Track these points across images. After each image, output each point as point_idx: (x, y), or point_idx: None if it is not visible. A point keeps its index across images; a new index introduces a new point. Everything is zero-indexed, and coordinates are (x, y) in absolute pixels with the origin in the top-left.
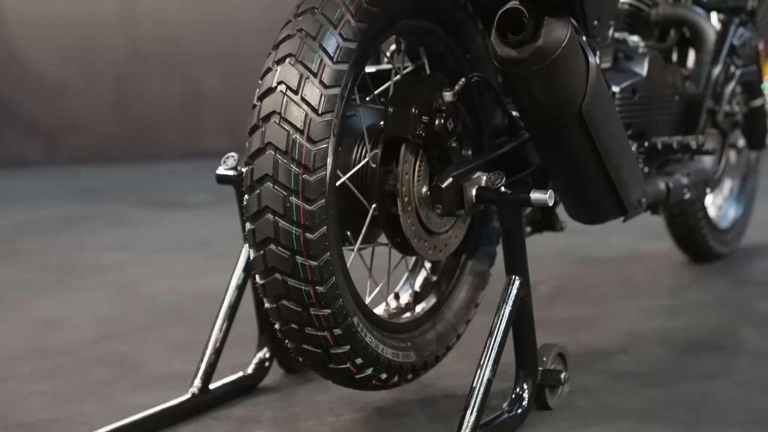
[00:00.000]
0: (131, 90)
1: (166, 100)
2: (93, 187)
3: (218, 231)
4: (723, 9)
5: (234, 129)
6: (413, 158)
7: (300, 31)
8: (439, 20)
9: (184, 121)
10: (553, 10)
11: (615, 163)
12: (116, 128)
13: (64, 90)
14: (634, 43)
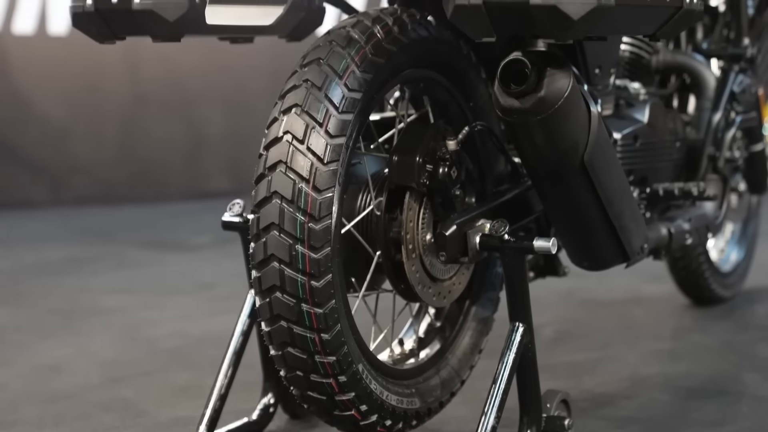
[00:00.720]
0: (135, 133)
1: (170, 142)
2: (97, 228)
3: (221, 273)
4: (723, 56)
5: (237, 171)
6: (417, 206)
7: (306, 82)
8: (443, 69)
9: (187, 163)
10: (555, 61)
11: (617, 210)
12: (120, 170)
13: (68, 133)
14: (635, 90)
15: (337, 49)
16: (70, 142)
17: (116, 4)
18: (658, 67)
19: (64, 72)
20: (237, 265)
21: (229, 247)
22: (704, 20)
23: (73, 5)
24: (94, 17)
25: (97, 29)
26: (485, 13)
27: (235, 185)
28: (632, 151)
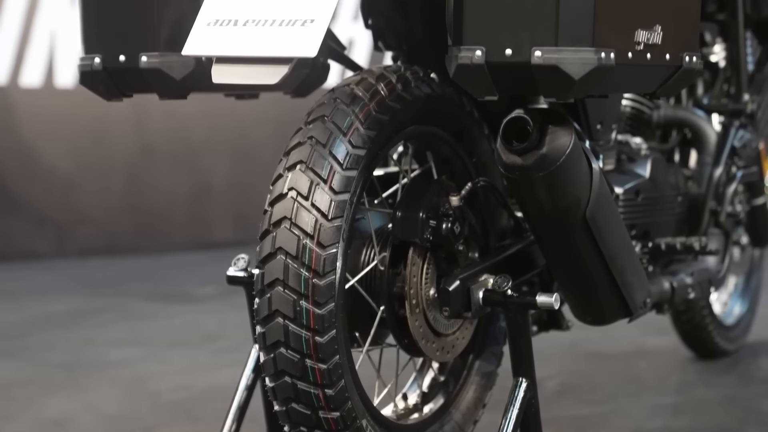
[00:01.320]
0: (140, 183)
1: (175, 192)
2: (101, 280)
3: (226, 325)
4: (723, 111)
5: (242, 220)
6: (421, 261)
7: (310, 139)
8: (446, 126)
9: (192, 213)
10: (556, 118)
11: (619, 265)
12: (125, 221)
13: (74, 183)
14: (636, 145)
15: (341, 107)
16: (76, 192)
17: (124, 62)
18: (659, 122)
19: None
20: (241, 316)
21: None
22: (704, 76)
23: (81, 64)
24: (101, 75)
25: (105, 87)
26: (487, 72)
27: (240, 235)
28: (634, 206)
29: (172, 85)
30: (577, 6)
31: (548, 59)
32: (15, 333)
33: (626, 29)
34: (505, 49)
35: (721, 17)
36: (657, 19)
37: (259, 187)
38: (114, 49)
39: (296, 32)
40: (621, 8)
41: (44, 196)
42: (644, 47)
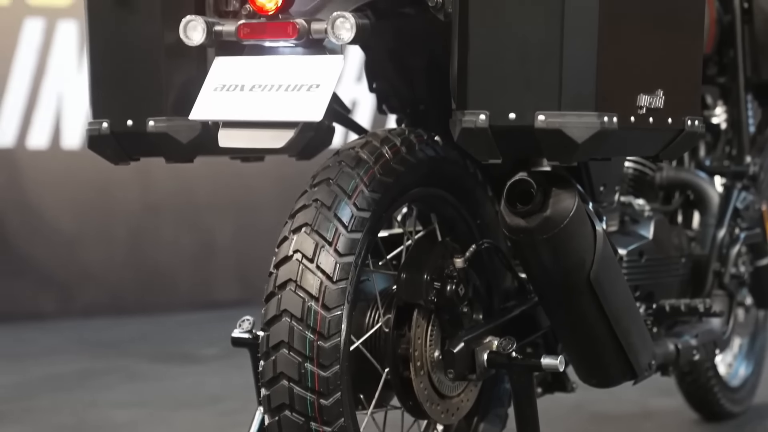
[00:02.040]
0: (145, 241)
1: (179, 250)
2: (106, 340)
3: (230, 386)
4: (725, 173)
5: (246, 280)
6: (425, 323)
7: (316, 201)
8: (450, 188)
9: (196, 272)
10: (560, 181)
11: (623, 327)
12: (129, 280)
13: (78, 242)
14: (639, 207)
15: (346, 170)
16: (80, 252)
17: (131, 126)
18: (662, 184)
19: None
20: (245, 377)
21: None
22: (706, 138)
23: (89, 128)
24: (109, 140)
25: (113, 151)
26: (491, 136)
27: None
28: (638, 268)
29: (179, 148)
30: (579, 71)
31: (551, 123)
32: (19, 395)
33: (628, 94)
34: (509, 113)
35: (722, 80)
36: (659, 83)
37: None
38: (122, 114)
39: (302, 97)
40: (623, 73)
41: (49, 256)
42: (646, 111)
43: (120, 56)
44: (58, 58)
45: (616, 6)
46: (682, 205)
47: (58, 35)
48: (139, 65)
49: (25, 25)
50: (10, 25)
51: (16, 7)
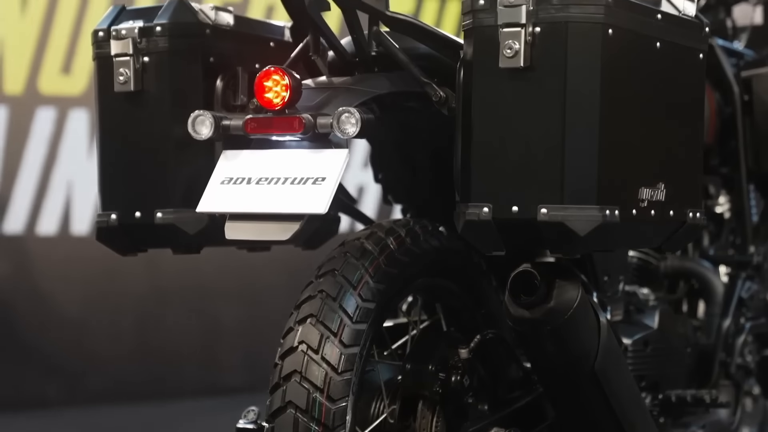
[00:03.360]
0: (152, 326)
1: (186, 335)
2: (112, 429)
3: None
4: (730, 263)
5: (252, 365)
6: (430, 414)
7: (321, 293)
8: (455, 278)
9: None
10: (563, 272)
11: (629, 419)
12: (136, 366)
13: (85, 329)
14: (644, 296)
15: (351, 261)
16: (87, 338)
17: (139, 218)
18: (666, 273)
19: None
20: None
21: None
22: (710, 227)
23: (98, 220)
24: (117, 231)
25: (121, 243)
26: (494, 228)
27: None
28: (643, 357)
29: (186, 239)
30: (581, 164)
31: (554, 216)
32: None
33: (630, 187)
34: (512, 206)
35: (725, 170)
36: (660, 177)
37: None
38: (130, 206)
39: (307, 190)
40: (624, 167)
41: (56, 343)
42: (648, 204)
43: (129, 149)
44: (68, 146)
45: (616, 101)
46: (686, 294)
47: (70, 123)
48: (147, 158)
49: (37, 114)
50: (24, 114)
51: (30, 97)
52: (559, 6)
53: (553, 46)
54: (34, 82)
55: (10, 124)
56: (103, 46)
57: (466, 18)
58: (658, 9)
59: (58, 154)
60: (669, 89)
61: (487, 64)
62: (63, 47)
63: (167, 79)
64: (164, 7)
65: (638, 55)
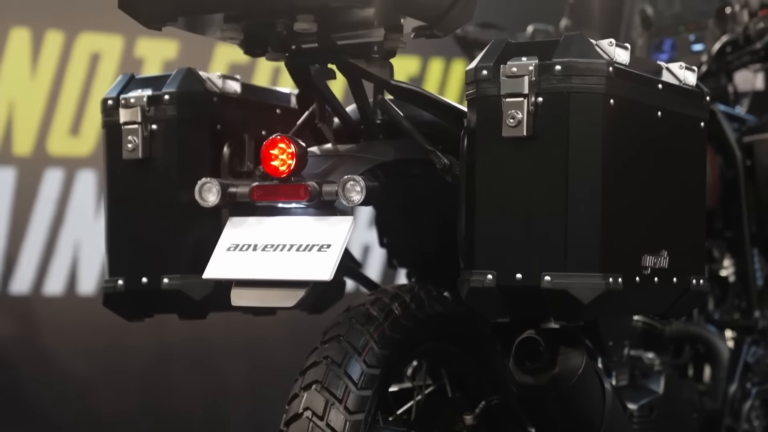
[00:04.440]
0: (157, 385)
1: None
2: None
3: None
4: (735, 327)
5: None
6: None
7: (326, 359)
8: (459, 343)
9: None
10: (568, 338)
11: None
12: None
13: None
14: (649, 360)
15: (356, 326)
16: (92, 398)
17: (146, 284)
18: (671, 337)
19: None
20: None
21: None
22: (715, 291)
23: (105, 286)
24: (124, 297)
25: (127, 308)
26: (499, 295)
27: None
28: (649, 423)
29: (192, 305)
30: (584, 232)
31: (557, 284)
32: None
33: (633, 254)
34: (516, 274)
35: (729, 234)
36: (663, 244)
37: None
38: (137, 272)
39: (312, 257)
40: (627, 234)
41: (60, 403)
42: (651, 271)
43: (137, 215)
44: (76, 206)
45: (619, 170)
46: (692, 358)
47: (77, 184)
48: (155, 224)
49: (45, 175)
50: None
51: (38, 158)
52: (561, 77)
53: (555, 115)
54: (42, 143)
55: (18, 185)
56: (112, 114)
57: (470, 87)
58: (659, 79)
59: (66, 214)
60: (671, 157)
61: (490, 133)
62: (72, 109)
63: (175, 146)
64: (173, 76)
65: (640, 124)
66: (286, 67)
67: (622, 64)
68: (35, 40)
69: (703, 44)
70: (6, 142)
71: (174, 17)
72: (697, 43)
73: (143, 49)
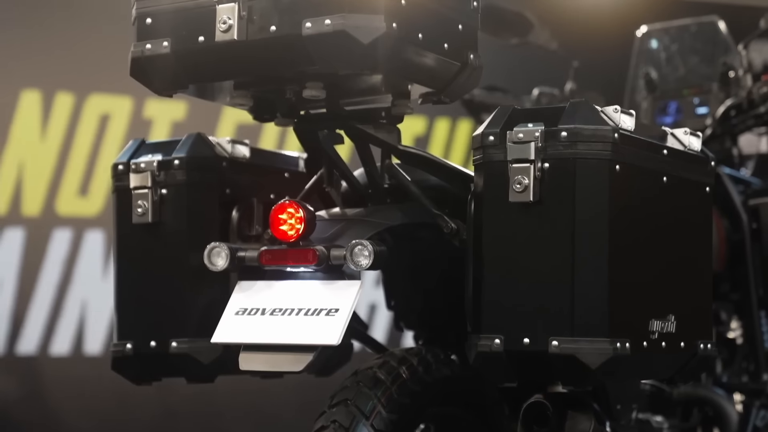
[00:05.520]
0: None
1: None
2: None
3: None
4: (743, 390)
5: None
6: None
7: (334, 423)
8: (467, 407)
9: None
10: (576, 403)
11: None
12: None
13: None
14: (657, 424)
15: (364, 390)
16: None
17: (154, 347)
18: (679, 400)
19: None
20: None
21: None
22: (723, 353)
23: (113, 350)
24: (133, 361)
25: (136, 372)
26: (506, 360)
27: None
28: None
29: (200, 369)
30: (591, 297)
31: (565, 349)
32: None
33: (640, 319)
34: (523, 338)
35: (736, 297)
36: (670, 308)
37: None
38: (145, 335)
39: (320, 322)
40: (634, 299)
41: None
42: (659, 336)
43: (146, 279)
44: (84, 266)
45: (625, 235)
46: (701, 422)
47: (85, 244)
48: (163, 288)
49: (54, 235)
50: (41, 236)
51: (47, 218)
52: (567, 143)
53: (561, 181)
54: (51, 203)
55: (26, 245)
56: (123, 179)
57: (477, 153)
58: (664, 145)
59: (73, 274)
60: (677, 222)
61: (497, 198)
62: (80, 169)
63: (184, 211)
64: (182, 141)
65: (645, 190)
66: (295, 132)
67: (627, 130)
68: (46, 102)
69: (708, 107)
70: (15, 203)
71: (185, 85)
72: (702, 107)
73: (152, 110)
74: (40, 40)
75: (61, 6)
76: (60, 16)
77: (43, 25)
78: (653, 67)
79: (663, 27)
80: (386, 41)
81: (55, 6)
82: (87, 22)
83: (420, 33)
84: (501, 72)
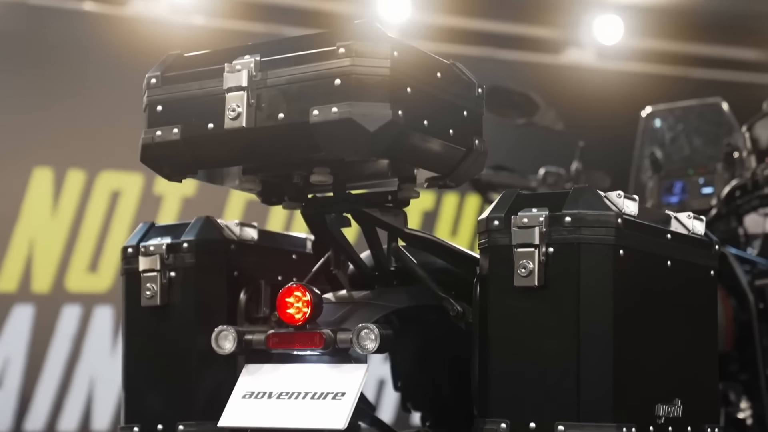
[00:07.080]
0: None
1: None
2: None
3: None
4: None
5: None
6: None
7: None
8: None
9: None
10: None
11: None
12: None
13: None
14: None
15: None
16: None
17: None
18: None
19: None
20: None
21: None
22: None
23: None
24: None
25: None
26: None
27: None
28: None
29: None
30: (597, 382)
31: None
32: None
33: (646, 404)
34: (529, 423)
35: (744, 377)
36: (676, 392)
37: None
38: (153, 418)
39: (327, 406)
40: (640, 384)
41: None
42: (665, 421)
43: (154, 362)
44: (92, 342)
45: (630, 319)
46: None
47: (94, 320)
48: (171, 371)
49: (63, 312)
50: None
51: (56, 295)
52: (571, 228)
53: (566, 266)
54: (61, 279)
55: (36, 321)
56: (132, 262)
57: (482, 237)
58: (668, 229)
59: (82, 350)
60: (682, 306)
61: (502, 282)
62: (91, 246)
63: (192, 293)
64: (191, 224)
65: (649, 274)
66: (302, 216)
67: (631, 215)
68: (57, 179)
69: (713, 187)
70: (25, 280)
71: (194, 170)
72: (707, 186)
73: (162, 186)
74: (52, 118)
75: (72, 85)
76: (71, 95)
77: (56, 104)
78: (658, 147)
79: (667, 108)
80: (392, 128)
81: (67, 85)
82: (98, 100)
83: (425, 120)
84: (507, 151)
